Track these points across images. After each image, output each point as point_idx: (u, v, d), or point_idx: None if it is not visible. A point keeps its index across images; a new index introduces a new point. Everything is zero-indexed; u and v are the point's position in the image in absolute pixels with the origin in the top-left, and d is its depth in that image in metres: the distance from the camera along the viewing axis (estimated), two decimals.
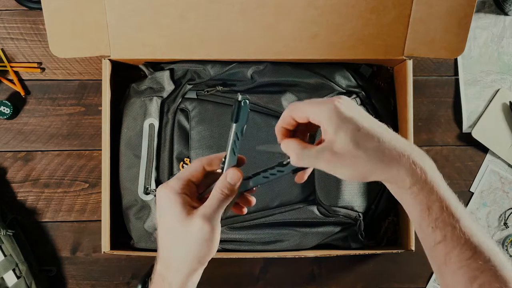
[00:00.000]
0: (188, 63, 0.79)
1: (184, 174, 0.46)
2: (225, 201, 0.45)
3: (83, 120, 0.85)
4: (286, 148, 0.44)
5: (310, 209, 0.78)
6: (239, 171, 0.46)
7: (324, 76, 0.79)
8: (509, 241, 0.85)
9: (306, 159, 0.43)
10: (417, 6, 0.73)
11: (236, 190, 0.46)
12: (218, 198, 0.45)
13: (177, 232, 0.45)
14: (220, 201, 0.45)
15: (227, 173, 0.46)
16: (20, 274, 0.78)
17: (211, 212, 0.44)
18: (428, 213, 0.43)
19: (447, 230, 0.42)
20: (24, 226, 0.83)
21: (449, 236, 0.42)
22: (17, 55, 0.85)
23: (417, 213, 0.43)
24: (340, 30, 0.74)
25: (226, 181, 0.45)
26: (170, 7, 0.72)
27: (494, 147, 0.87)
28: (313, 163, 0.43)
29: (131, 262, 0.85)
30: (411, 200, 0.44)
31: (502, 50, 0.88)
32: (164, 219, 0.46)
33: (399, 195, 0.45)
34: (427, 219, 0.43)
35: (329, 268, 0.87)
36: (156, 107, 0.78)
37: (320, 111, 0.42)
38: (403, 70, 0.78)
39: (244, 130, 0.46)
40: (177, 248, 0.46)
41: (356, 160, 0.42)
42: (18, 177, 0.84)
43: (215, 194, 0.45)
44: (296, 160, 0.43)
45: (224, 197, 0.45)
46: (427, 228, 0.43)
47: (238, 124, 0.45)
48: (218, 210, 0.45)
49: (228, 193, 0.45)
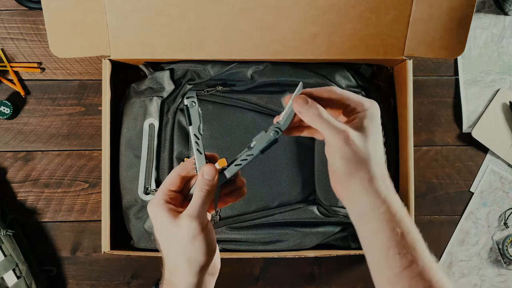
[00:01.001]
0: (188, 63, 0.79)
1: (163, 186, 0.48)
2: (207, 198, 0.47)
3: (83, 120, 0.85)
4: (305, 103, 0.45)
5: (310, 209, 0.78)
6: (213, 166, 0.47)
7: (324, 76, 0.79)
8: (509, 241, 0.85)
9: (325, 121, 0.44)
10: (417, 6, 0.73)
11: (215, 184, 0.47)
12: (199, 196, 0.46)
13: (169, 236, 0.47)
14: (203, 198, 0.46)
15: (202, 170, 0.47)
16: (20, 274, 0.78)
17: (195, 209, 0.46)
18: (398, 241, 0.43)
19: (414, 255, 0.43)
20: (24, 226, 0.84)
21: (416, 261, 0.43)
22: (17, 55, 0.85)
23: (385, 240, 0.44)
24: (340, 30, 0.74)
25: (203, 178, 0.47)
26: (170, 7, 0.72)
27: (494, 147, 0.87)
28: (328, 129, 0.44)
29: (131, 262, 0.85)
30: (383, 225, 0.44)
31: (502, 50, 0.88)
32: (157, 230, 0.48)
33: (369, 216, 0.45)
34: (397, 247, 0.43)
35: (329, 268, 0.87)
36: (156, 107, 0.78)
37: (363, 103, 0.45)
38: (403, 70, 0.78)
39: (201, 128, 0.48)
40: (173, 252, 0.48)
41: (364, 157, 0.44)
42: (18, 177, 0.84)
43: (196, 193, 0.47)
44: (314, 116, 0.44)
45: (205, 193, 0.46)
46: (394, 255, 0.43)
47: (193, 125, 0.48)
48: (203, 207, 0.46)
49: (208, 188, 0.47)
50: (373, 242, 0.45)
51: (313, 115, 0.45)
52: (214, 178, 0.47)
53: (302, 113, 0.45)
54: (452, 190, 0.88)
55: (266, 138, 0.47)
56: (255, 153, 0.48)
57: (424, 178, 0.88)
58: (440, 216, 0.88)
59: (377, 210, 0.44)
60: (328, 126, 0.44)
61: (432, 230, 0.87)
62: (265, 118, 0.78)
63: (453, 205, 0.88)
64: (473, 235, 0.88)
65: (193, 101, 0.48)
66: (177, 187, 0.49)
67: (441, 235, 0.87)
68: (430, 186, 0.88)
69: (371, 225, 0.44)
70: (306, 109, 0.45)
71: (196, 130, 0.48)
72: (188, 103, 0.48)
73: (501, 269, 0.87)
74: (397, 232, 0.43)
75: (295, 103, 0.46)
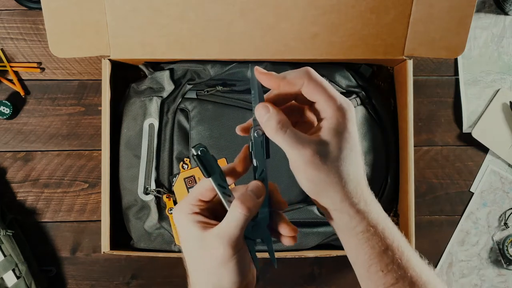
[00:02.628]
0: (188, 63, 0.79)
1: (193, 193, 0.42)
2: (245, 219, 0.39)
3: (83, 120, 0.85)
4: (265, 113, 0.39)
5: (310, 209, 0.78)
6: (262, 184, 0.41)
7: (324, 76, 0.78)
8: (509, 241, 0.85)
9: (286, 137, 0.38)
10: (417, 6, 0.73)
11: (259, 205, 0.40)
12: (236, 215, 0.39)
13: (195, 255, 0.41)
14: (239, 219, 0.39)
15: (248, 185, 0.41)
16: (20, 274, 0.78)
17: (228, 231, 0.39)
18: (379, 258, 0.41)
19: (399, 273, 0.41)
20: (24, 226, 0.83)
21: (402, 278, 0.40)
22: (16, 55, 0.85)
23: (366, 257, 0.41)
24: (340, 30, 0.74)
25: (247, 192, 0.40)
26: (170, 7, 0.72)
27: (494, 147, 0.87)
28: (289, 145, 0.38)
29: (131, 262, 0.85)
30: (361, 244, 0.41)
31: (502, 50, 0.88)
32: (182, 241, 0.43)
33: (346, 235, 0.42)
34: (379, 264, 0.41)
35: (329, 268, 0.87)
36: (156, 107, 0.78)
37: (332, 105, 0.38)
38: (403, 70, 0.78)
39: (223, 174, 0.41)
40: (199, 273, 0.42)
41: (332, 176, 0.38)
42: (18, 177, 0.84)
43: (233, 210, 0.39)
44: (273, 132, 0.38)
45: (245, 212, 0.39)
46: (377, 272, 0.41)
47: (214, 176, 0.40)
48: (239, 230, 0.39)
49: (250, 206, 0.39)
50: (354, 258, 0.43)
51: (270, 130, 0.39)
52: (260, 197, 0.40)
53: (262, 126, 0.40)
54: (452, 190, 0.88)
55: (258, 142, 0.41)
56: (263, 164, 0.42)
57: (424, 178, 0.88)
58: (440, 216, 0.88)
59: (354, 230, 0.40)
60: (289, 143, 0.38)
61: (432, 230, 0.87)
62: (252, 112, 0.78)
63: (453, 205, 0.88)
64: (473, 235, 0.88)
65: (202, 148, 0.40)
66: (208, 198, 0.42)
67: (441, 235, 0.87)
68: (430, 186, 0.88)
69: (351, 241, 0.42)
70: (265, 121, 0.39)
71: (219, 180, 0.40)
72: (197, 151, 0.39)
73: (501, 269, 0.87)
74: (378, 250, 0.40)
75: (256, 111, 0.40)
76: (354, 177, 0.40)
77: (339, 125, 0.38)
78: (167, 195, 0.78)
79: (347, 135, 0.39)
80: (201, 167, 0.40)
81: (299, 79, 0.39)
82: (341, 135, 0.38)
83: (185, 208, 0.41)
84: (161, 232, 0.79)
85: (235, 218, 0.39)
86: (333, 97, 0.39)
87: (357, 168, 0.40)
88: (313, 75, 0.39)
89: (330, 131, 0.38)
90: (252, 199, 0.40)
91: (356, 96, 0.80)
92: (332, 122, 0.39)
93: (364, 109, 0.80)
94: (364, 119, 0.80)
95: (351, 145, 0.39)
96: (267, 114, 0.39)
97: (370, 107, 0.80)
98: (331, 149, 0.38)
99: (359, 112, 0.79)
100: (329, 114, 0.39)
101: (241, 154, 0.42)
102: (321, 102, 0.39)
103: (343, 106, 0.39)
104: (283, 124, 0.38)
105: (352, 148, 0.39)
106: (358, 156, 0.40)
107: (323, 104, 0.39)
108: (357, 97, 0.80)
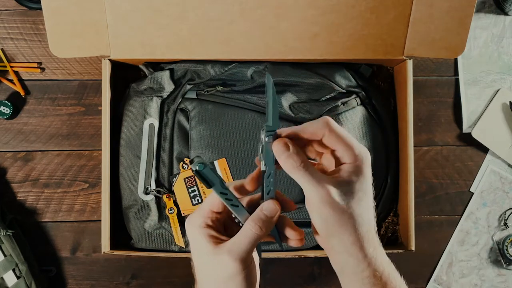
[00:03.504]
0: (188, 63, 0.79)
1: (204, 205, 0.44)
2: (257, 238, 0.41)
3: (83, 120, 0.85)
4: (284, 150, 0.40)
5: None
6: (277, 203, 0.42)
7: (324, 76, 0.79)
8: (509, 241, 0.85)
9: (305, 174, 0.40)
10: (417, 6, 0.73)
11: (273, 224, 0.42)
12: (248, 234, 0.41)
13: (205, 267, 0.43)
14: (251, 238, 0.41)
15: (262, 205, 0.42)
16: (20, 274, 0.78)
17: (239, 248, 0.41)
18: None
19: None
20: (24, 226, 0.83)
21: None
22: (17, 55, 0.85)
23: None
24: (340, 30, 0.74)
25: (261, 212, 0.42)
26: (170, 7, 0.72)
27: (494, 147, 0.87)
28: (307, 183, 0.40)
29: (131, 262, 0.85)
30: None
31: (502, 50, 0.88)
32: (193, 252, 0.44)
33: (351, 279, 0.42)
34: None
35: (329, 268, 0.86)
36: (156, 107, 0.78)
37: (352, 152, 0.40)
38: (403, 70, 0.78)
39: (224, 182, 0.43)
40: (207, 282, 0.43)
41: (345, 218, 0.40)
42: (18, 177, 0.84)
43: (246, 229, 0.41)
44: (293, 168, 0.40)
45: (258, 232, 0.41)
46: None
47: (215, 186, 0.42)
48: (250, 247, 0.41)
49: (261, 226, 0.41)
50: None
51: (291, 166, 0.40)
52: (274, 217, 0.42)
53: (280, 159, 0.41)
54: (452, 190, 0.88)
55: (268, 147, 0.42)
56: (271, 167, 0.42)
57: (424, 178, 0.88)
58: (440, 216, 0.88)
59: (360, 274, 0.41)
60: (307, 180, 0.40)
61: (432, 230, 0.87)
62: (265, 118, 0.78)
63: (453, 205, 0.88)
64: (473, 235, 0.88)
65: (201, 163, 0.41)
66: (219, 209, 0.43)
67: (441, 235, 0.87)
68: (430, 186, 0.88)
69: (353, 285, 0.42)
70: (284, 158, 0.40)
71: (220, 188, 0.42)
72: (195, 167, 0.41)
73: (501, 269, 0.87)
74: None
75: (274, 146, 0.41)
76: (366, 220, 0.41)
77: (357, 169, 0.40)
78: (167, 195, 0.78)
79: (363, 180, 0.40)
80: (202, 181, 0.42)
81: (320, 130, 0.41)
82: (358, 179, 0.40)
83: (197, 221, 0.43)
84: (161, 232, 0.79)
85: (247, 235, 0.41)
86: (351, 146, 0.41)
87: (369, 212, 0.41)
88: (333, 126, 0.41)
89: (348, 174, 0.40)
90: (266, 219, 0.42)
91: (356, 96, 0.80)
92: (351, 166, 0.40)
93: (364, 109, 0.80)
94: (364, 119, 0.80)
95: (366, 189, 0.41)
96: (287, 152, 0.41)
97: (370, 107, 0.80)
98: (347, 191, 0.40)
99: (359, 112, 0.79)
100: (348, 160, 0.41)
101: (254, 173, 0.44)
102: (341, 150, 0.41)
103: (361, 155, 0.41)
104: (302, 160, 0.40)
105: (366, 192, 0.41)
106: (371, 200, 0.42)
107: (343, 152, 0.41)
108: (357, 97, 0.80)
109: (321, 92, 0.79)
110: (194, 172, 0.41)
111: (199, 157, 0.42)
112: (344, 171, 0.40)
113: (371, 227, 0.42)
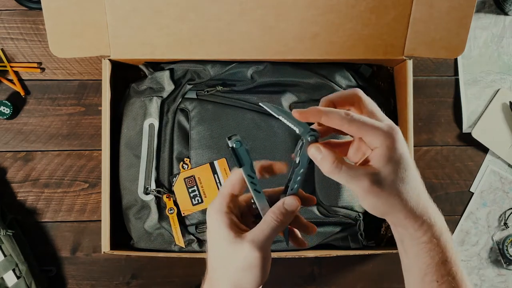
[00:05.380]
0: (188, 63, 0.79)
1: (225, 189, 0.45)
2: (278, 228, 0.43)
3: (83, 120, 0.85)
4: (318, 154, 0.41)
5: (310, 209, 0.78)
6: (298, 200, 0.44)
7: (324, 76, 0.79)
8: (509, 241, 0.85)
9: (341, 174, 0.40)
10: (417, 6, 0.73)
11: (292, 217, 0.44)
12: (270, 225, 0.42)
13: (223, 255, 0.43)
14: (273, 228, 0.42)
15: (284, 199, 0.44)
16: (20, 274, 0.78)
17: (261, 238, 0.42)
18: (437, 269, 0.43)
19: (453, 285, 0.43)
20: (24, 226, 0.83)
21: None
22: (17, 55, 0.85)
23: (424, 266, 0.43)
24: (340, 30, 0.74)
25: (283, 206, 0.43)
26: (170, 7, 0.72)
27: (494, 147, 0.87)
28: (346, 181, 0.41)
29: (131, 262, 0.85)
30: (422, 253, 0.43)
31: (502, 50, 0.88)
32: (213, 241, 0.44)
33: (408, 244, 0.44)
34: (435, 274, 0.43)
35: (329, 268, 0.87)
36: (156, 107, 0.78)
37: (378, 136, 0.40)
38: (403, 70, 0.78)
39: (253, 166, 0.44)
40: (222, 271, 0.44)
41: (391, 199, 0.41)
42: (18, 177, 0.84)
43: (268, 220, 0.43)
44: (329, 171, 0.41)
45: (278, 224, 0.43)
46: (431, 282, 0.43)
47: (245, 166, 0.43)
48: (270, 238, 0.42)
49: (283, 219, 0.43)
50: (410, 266, 0.44)
51: (327, 169, 0.41)
52: (294, 212, 0.44)
53: (317, 162, 0.42)
54: (452, 190, 0.88)
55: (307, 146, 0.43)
56: (304, 164, 0.43)
57: (424, 178, 0.86)
58: None
59: (418, 240, 0.43)
60: (346, 179, 0.41)
61: None
62: (265, 118, 0.78)
63: (453, 205, 0.88)
64: (473, 235, 0.88)
65: (238, 141, 0.43)
66: (239, 192, 0.45)
67: None
68: (430, 186, 0.88)
69: (411, 249, 0.44)
70: (319, 160, 0.41)
71: (249, 171, 0.43)
72: (232, 144, 0.42)
73: (501, 269, 0.87)
74: (437, 261, 0.42)
75: (308, 151, 0.42)
76: (414, 194, 0.42)
77: (388, 150, 0.40)
78: (167, 195, 0.78)
79: (398, 157, 0.41)
80: (234, 158, 0.43)
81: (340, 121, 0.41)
82: (393, 159, 0.40)
83: (219, 206, 0.44)
84: (161, 232, 0.79)
85: (270, 226, 0.42)
86: (377, 127, 0.41)
87: (415, 185, 0.42)
88: (354, 117, 0.41)
89: (381, 158, 0.40)
90: (287, 213, 0.43)
91: None
92: (382, 149, 0.40)
93: None
94: None
95: (404, 165, 0.41)
96: (320, 155, 0.41)
97: None
98: (385, 175, 0.40)
99: None
100: (377, 143, 0.41)
101: (286, 162, 0.45)
102: (367, 136, 0.41)
103: (389, 132, 0.41)
104: (337, 163, 0.40)
105: (406, 168, 0.41)
106: (414, 172, 0.42)
107: (370, 137, 0.41)
108: None
109: (321, 92, 0.79)
110: (230, 148, 0.43)
111: (237, 136, 0.43)
112: (377, 156, 0.41)
113: (422, 197, 0.43)
